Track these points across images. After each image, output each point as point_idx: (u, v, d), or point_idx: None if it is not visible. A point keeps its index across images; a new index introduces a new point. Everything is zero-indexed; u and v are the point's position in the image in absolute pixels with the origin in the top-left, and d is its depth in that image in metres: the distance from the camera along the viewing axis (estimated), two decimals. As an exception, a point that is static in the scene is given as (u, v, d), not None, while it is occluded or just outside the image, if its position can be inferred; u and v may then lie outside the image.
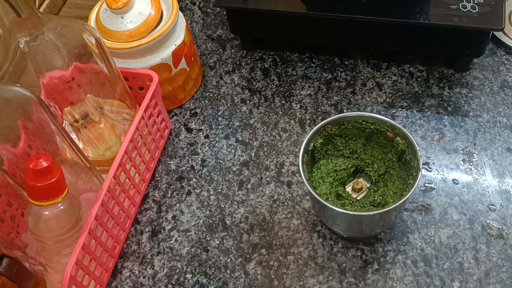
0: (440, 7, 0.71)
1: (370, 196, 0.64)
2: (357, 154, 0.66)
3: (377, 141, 0.66)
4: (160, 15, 0.72)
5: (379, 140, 0.65)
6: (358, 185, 0.65)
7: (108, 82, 0.65)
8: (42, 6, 0.86)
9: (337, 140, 0.66)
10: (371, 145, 0.66)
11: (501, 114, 0.73)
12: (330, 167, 0.66)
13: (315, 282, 0.63)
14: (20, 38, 0.55)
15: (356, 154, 0.66)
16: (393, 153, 0.64)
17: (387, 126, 0.63)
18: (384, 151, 0.66)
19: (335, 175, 0.66)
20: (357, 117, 0.64)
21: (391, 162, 0.65)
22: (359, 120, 0.64)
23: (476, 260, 0.62)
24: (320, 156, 0.66)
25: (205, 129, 0.78)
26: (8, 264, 0.54)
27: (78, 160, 0.61)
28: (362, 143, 0.66)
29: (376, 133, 0.64)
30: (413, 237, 0.64)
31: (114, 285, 0.66)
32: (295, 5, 0.76)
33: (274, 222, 0.68)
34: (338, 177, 0.65)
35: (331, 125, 0.64)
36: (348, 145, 0.66)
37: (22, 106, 0.54)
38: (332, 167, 0.66)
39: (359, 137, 0.66)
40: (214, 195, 0.71)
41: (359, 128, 0.65)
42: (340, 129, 0.65)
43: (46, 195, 0.54)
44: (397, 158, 0.64)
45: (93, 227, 0.60)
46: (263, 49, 0.86)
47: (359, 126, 0.64)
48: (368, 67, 0.81)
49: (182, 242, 0.68)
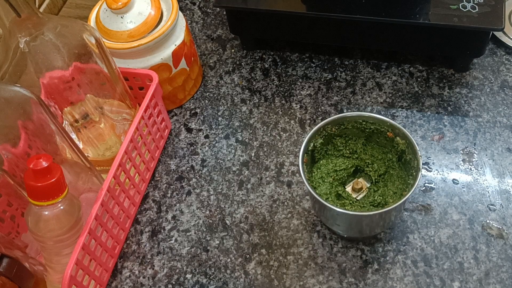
0: (440, 7, 0.71)
1: (370, 196, 0.64)
2: (357, 154, 0.66)
3: (377, 141, 0.66)
4: (160, 15, 0.72)
5: (379, 140, 0.65)
6: (358, 185, 0.65)
7: (108, 82, 0.65)
8: (42, 6, 0.86)
9: (337, 140, 0.66)
10: (371, 145, 0.66)
11: (501, 114, 0.73)
12: (330, 167, 0.66)
13: (315, 282, 0.63)
14: (20, 38, 0.55)
15: (356, 154, 0.66)
16: (393, 153, 0.64)
17: (387, 126, 0.63)
18: (384, 151, 0.66)
19: (335, 175, 0.66)
20: (357, 117, 0.64)
21: (391, 162, 0.65)
22: (359, 120, 0.64)
23: (476, 260, 0.62)
24: (320, 156, 0.66)
25: (205, 129, 0.78)
26: (8, 264, 0.54)
27: (78, 160, 0.61)
28: (362, 143, 0.66)
29: (376, 133, 0.64)
30: (413, 237, 0.64)
31: (114, 285, 0.66)
32: (295, 5, 0.76)
33: (274, 222, 0.68)
34: (338, 177, 0.66)
35: (331, 125, 0.64)
36: (348, 145, 0.66)
37: (22, 106, 0.54)
38: (332, 167, 0.66)
39: (359, 137, 0.66)
40: (214, 195, 0.71)
41: (359, 128, 0.65)
42: (340, 129, 0.65)
43: (46, 195, 0.54)
44: (397, 158, 0.64)
45: (93, 227, 0.60)
46: (263, 49, 0.86)
47: (359, 126, 0.64)
48: (368, 67, 0.81)
49: (182, 242, 0.68)
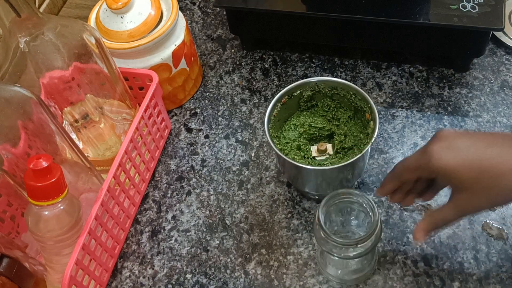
0: (440, 7, 0.71)
1: (326, 161, 0.67)
2: (339, 122, 0.68)
3: (361, 120, 0.67)
4: (160, 15, 0.72)
5: (362, 119, 0.66)
6: (322, 147, 0.67)
7: (108, 82, 0.65)
8: (42, 6, 0.87)
9: (327, 101, 0.68)
10: (355, 121, 0.68)
11: (501, 114, 0.73)
12: (308, 120, 0.68)
13: (315, 282, 0.63)
14: (20, 38, 0.55)
15: (338, 122, 0.68)
16: (364, 135, 0.66)
17: (368, 107, 0.64)
18: (361, 130, 0.67)
19: (308, 128, 0.68)
20: (350, 88, 0.65)
21: (359, 140, 0.66)
22: (350, 92, 0.66)
23: (476, 260, 0.62)
24: (305, 107, 0.68)
25: (205, 129, 0.78)
26: (8, 264, 0.54)
27: (78, 160, 0.61)
28: (348, 116, 0.68)
29: (359, 110, 0.66)
30: (413, 237, 0.64)
31: (114, 285, 0.66)
32: (295, 5, 0.76)
33: (274, 222, 0.68)
34: (309, 132, 0.68)
35: (325, 84, 0.66)
36: (335, 111, 0.68)
37: (22, 106, 0.54)
38: (310, 122, 0.68)
39: (349, 109, 0.68)
40: (214, 195, 0.71)
41: (349, 99, 0.66)
42: (332, 92, 0.67)
43: (46, 195, 0.54)
44: (366, 139, 0.65)
45: (93, 227, 0.60)
46: (263, 49, 0.86)
47: (349, 97, 0.66)
48: (368, 67, 0.81)
49: (182, 242, 0.68)
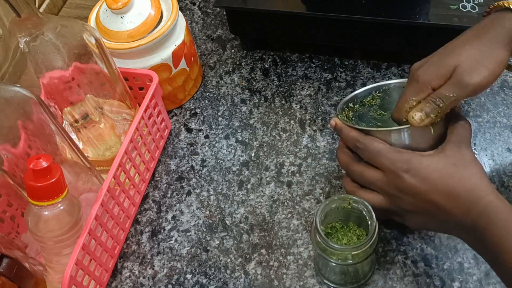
0: (440, 7, 0.71)
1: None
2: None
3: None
4: (160, 15, 0.72)
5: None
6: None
7: (108, 82, 0.65)
8: (42, 6, 0.87)
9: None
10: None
11: (501, 114, 0.73)
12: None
13: (315, 282, 0.63)
14: (20, 38, 0.55)
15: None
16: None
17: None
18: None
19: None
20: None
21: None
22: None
23: (476, 260, 0.62)
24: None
25: (205, 129, 0.78)
26: (8, 264, 0.54)
27: (78, 160, 0.61)
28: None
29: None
30: (413, 237, 0.64)
31: (114, 285, 0.66)
32: (295, 5, 0.76)
33: (274, 222, 0.68)
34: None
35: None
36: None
37: (22, 106, 0.54)
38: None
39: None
40: (214, 195, 0.71)
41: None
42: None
43: (46, 195, 0.54)
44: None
45: (93, 227, 0.60)
46: (263, 49, 0.86)
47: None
48: (368, 67, 0.81)
49: (182, 242, 0.68)
